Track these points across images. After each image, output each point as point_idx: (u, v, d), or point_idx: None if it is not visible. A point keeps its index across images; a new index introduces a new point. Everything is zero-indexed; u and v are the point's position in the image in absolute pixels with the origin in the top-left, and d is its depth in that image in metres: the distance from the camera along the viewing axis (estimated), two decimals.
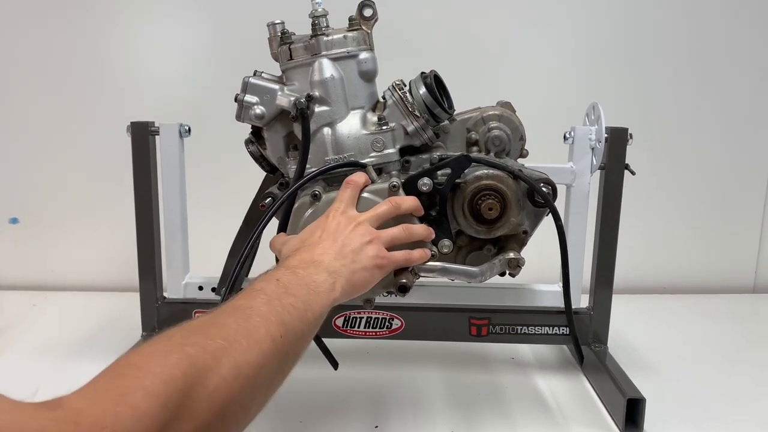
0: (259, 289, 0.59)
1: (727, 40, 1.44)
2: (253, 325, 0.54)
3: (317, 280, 0.64)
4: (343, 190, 0.75)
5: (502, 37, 1.43)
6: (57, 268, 1.50)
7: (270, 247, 0.78)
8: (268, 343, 0.53)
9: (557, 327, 1.04)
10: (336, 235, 0.70)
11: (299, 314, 0.59)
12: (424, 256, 0.76)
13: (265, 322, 0.55)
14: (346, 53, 0.80)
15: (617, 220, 1.02)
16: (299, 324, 0.58)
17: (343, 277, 0.67)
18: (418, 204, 0.77)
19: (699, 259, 1.54)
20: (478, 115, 0.88)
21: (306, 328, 0.60)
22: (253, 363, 0.51)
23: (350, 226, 0.71)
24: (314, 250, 0.68)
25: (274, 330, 0.55)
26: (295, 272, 0.63)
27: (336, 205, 0.74)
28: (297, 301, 0.59)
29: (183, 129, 1.03)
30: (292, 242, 0.73)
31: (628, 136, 0.99)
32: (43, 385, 0.97)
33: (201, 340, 0.49)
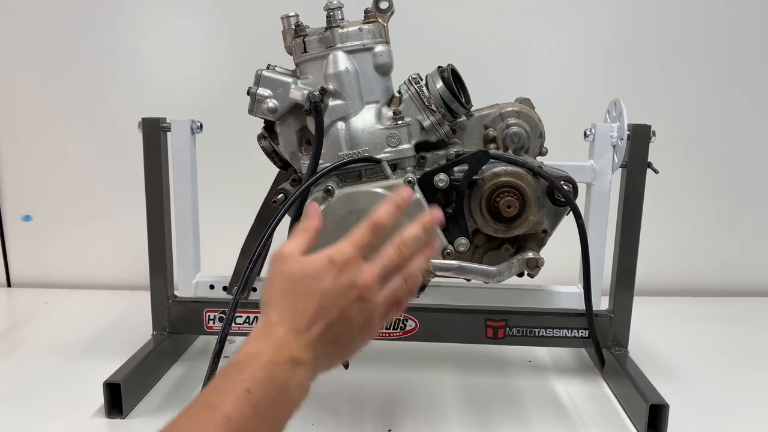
0: (223, 410, 0.51)
1: (755, 35, 1.41)
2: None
3: (293, 384, 0.56)
4: (365, 232, 0.61)
5: (521, 31, 1.40)
6: (69, 266, 1.50)
7: (263, 293, 0.64)
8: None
9: (576, 329, 1.02)
10: (330, 312, 0.58)
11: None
12: (409, 299, 0.65)
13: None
14: (361, 46, 0.79)
15: (639, 220, 0.99)
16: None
17: (323, 367, 0.60)
18: (427, 228, 0.64)
19: (722, 261, 1.51)
20: (496, 112, 0.86)
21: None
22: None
23: (351, 295, 0.58)
24: (299, 335, 0.57)
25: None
26: (270, 375, 0.55)
27: (344, 251, 0.59)
28: (262, 426, 0.53)
29: (195, 125, 1.02)
30: (279, 304, 0.60)
31: (651, 134, 0.97)
32: (54, 383, 0.98)
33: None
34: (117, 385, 0.87)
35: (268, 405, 0.53)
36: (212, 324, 1.04)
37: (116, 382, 0.87)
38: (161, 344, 1.02)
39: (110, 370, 0.91)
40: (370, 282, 0.59)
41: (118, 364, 0.94)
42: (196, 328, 1.06)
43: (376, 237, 0.61)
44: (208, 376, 0.68)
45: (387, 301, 0.61)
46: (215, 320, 1.04)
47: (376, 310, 0.60)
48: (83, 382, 0.98)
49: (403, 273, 0.62)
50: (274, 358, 0.56)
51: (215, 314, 1.04)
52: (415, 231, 0.63)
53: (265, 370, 0.55)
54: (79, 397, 0.92)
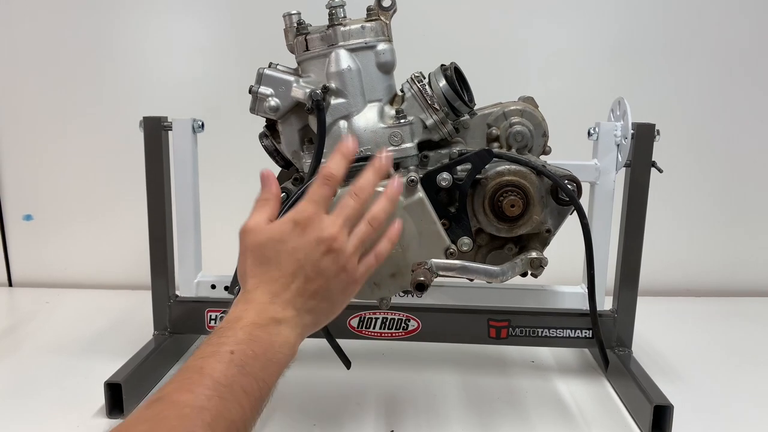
0: (209, 372, 0.51)
1: (758, 34, 1.40)
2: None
3: (278, 341, 0.58)
4: (320, 186, 0.63)
5: (524, 29, 1.39)
6: (70, 266, 1.50)
7: (238, 271, 0.66)
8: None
9: (579, 330, 1.01)
10: (304, 268, 0.60)
11: (251, 402, 0.53)
12: (389, 247, 0.67)
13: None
14: (363, 44, 0.78)
15: (643, 220, 0.99)
16: (250, 413, 0.53)
17: (307, 324, 0.61)
18: (378, 172, 0.66)
19: (726, 261, 1.50)
20: (499, 110, 0.85)
21: (259, 408, 0.54)
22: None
23: (320, 249, 0.61)
24: (277, 296, 0.60)
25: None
26: (252, 336, 0.56)
27: (304, 209, 0.62)
28: (251, 382, 0.53)
29: (196, 124, 1.02)
30: (253, 272, 0.62)
31: (655, 133, 0.96)
32: (55, 382, 0.97)
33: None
34: (118, 385, 0.87)
35: (254, 363, 0.54)
36: (214, 324, 1.04)
37: (117, 382, 0.87)
38: (162, 344, 1.02)
39: (111, 370, 0.91)
40: (335, 232, 0.61)
41: (119, 363, 0.94)
42: (197, 328, 1.05)
43: (331, 189, 0.63)
44: None
45: (358, 248, 0.63)
46: (217, 320, 1.04)
47: (349, 258, 0.62)
48: (84, 382, 0.97)
49: (366, 216, 0.64)
50: (256, 320, 0.57)
51: (217, 314, 1.03)
52: (367, 176, 0.65)
53: (246, 331, 0.56)
54: (80, 397, 0.92)
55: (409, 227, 0.75)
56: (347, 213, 0.63)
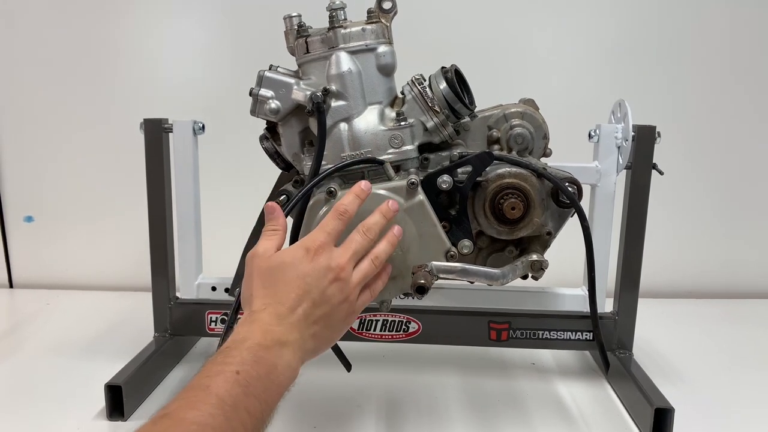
0: (215, 391, 0.52)
1: (759, 36, 1.40)
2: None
3: (281, 364, 0.59)
4: (333, 219, 0.67)
5: (525, 31, 1.40)
6: (70, 267, 1.50)
7: (242, 294, 0.68)
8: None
9: (580, 332, 1.01)
10: (311, 293, 0.63)
11: (253, 422, 0.53)
12: (386, 281, 0.72)
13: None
14: (364, 46, 0.78)
15: (644, 222, 0.98)
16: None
17: (309, 349, 0.63)
18: (386, 216, 0.70)
19: (728, 263, 1.50)
20: (499, 113, 0.85)
21: (260, 429, 0.55)
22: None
23: (328, 277, 0.64)
24: (283, 318, 0.61)
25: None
26: (257, 357, 0.57)
27: (317, 238, 0.65)
28: (254, 403, 0.54)
29: (197, 126, 1.02)
30: (261, 294, 0.64)
31: (655, 135, 0.96)
32: (55, 384, 0.97)
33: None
34: (118, 388, 0.87)
35: (258, 384, 0.56)
36: (214, 326, 1.04)
37: (118, 385, 0.87)
38: (163, 346, 1.02)
39: (112, 371, 0.91)
40: (343, 263, 0.65)
41: (120, 365, 0.93)
42: (198, 330, 1.05)
43: (343, 223, 0.67)
44: None
45: (361, 282, 0.67)
46: (217, 322, 1.04)
47: (353, 290, 0.66)
48: (84, 384, 0.97)
49: (370, 255, 0.68)
50: (261, 341, 0.59)
51: (217, 316, 1.03)
52: (376, 218, 0.70)
53: (252, 352, 0.57)
54: (81, 399, 0.92)
55: (410, 230, 0.75)
56: (355, 248, 0.67)
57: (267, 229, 0.69)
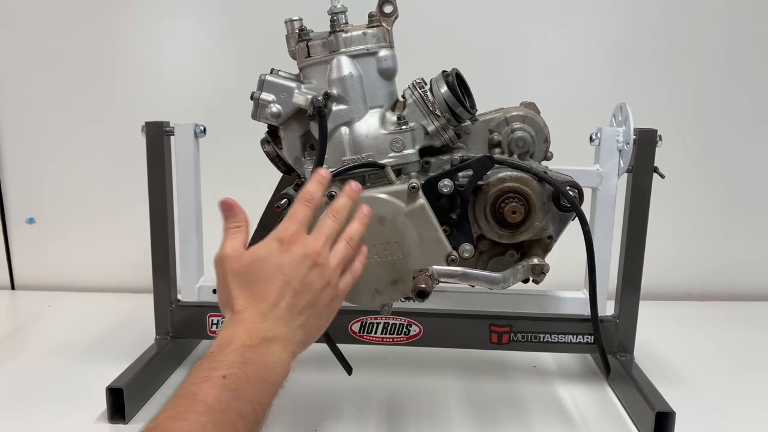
0: (202, 398, 0.51)
1: (759, 37, 1.40)
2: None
3: (271, 361, 0.57)
4: (300, 206, 0.66)
5: (526, 35, 1.40)
6: (72, 269, 1.50)
7: (219, 300, 0.65)
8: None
9: (581, 335, 1.01)
10: (291, 283, 0.61)
11: (247, 426, 0.52)
12: (364, 261, 0.70)
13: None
14: (365, 50, 0.78)
15: (645, 225, 0.98)
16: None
17: (299, 341, 0.61)
18: (351, 197, 0.70)
19: (729, 265, 1.50)
20: (501, 116, 0.85)
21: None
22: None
23: (306, 264, 0.62)
24: (267, 314, 0.60)
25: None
26: (244, 358, 0.55)
27: (287, 228, 0.64)
28: (245, 406, 0.53)
29: (198, 129, 1.02)
30: (240, 295, 0.61)
31: (657, 138, 0.96)
32: (57, 387, 0.97)
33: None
34: (120, 390, 0.87)
35: (248, 386, 0.54)
36: (215, 328, 1.04)
37: (119, 387, 0.87)
38: (164, 349, 1.02)
39: (113, 374, 0.91)
40: (318, 248, 0.63)
41: (121, 367, 0.94)
42: (199, 333, 1.05)
43: (311, 210, 0.66)
44: None
45: (339, 264, 0.65)
46: (218, 325, 1.04)
47: (333, 273, 0.64)
48: (86, 386, 0.97)
49: (344, 236, 0.67)
50: (247, 341, 0.57)
51: (218, 319, 1.03)
52: (342, 200, 0.69)
53: (238, 354, 0.56)
54: (82, 402, 0.92)
55: (411, 234, 0.75)
56: (327, 232, 0.66)
57: (229, 226, 0.67)
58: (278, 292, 0.61)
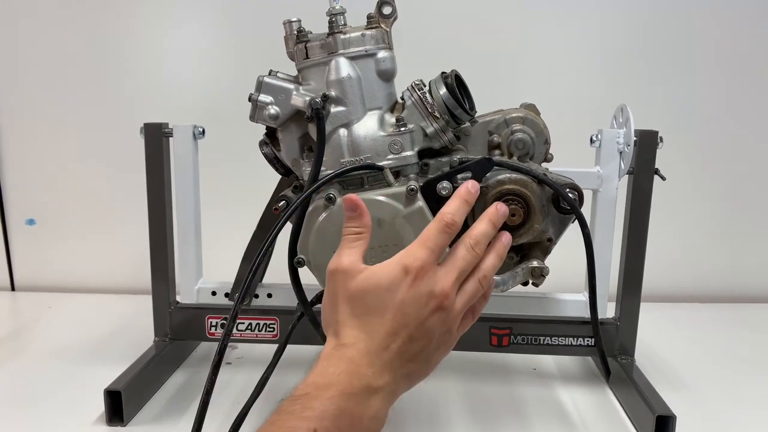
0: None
1: (760, 40, 1.39)
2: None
3: (368, 415, 0.50)
4: (438, 233, 0.55)
5: (526, 37, 1.39)
6: (72, 270, 1.50)
7: (324, 316, 0.59)
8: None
9: (582, 338, 1.00)
10: (409, 326, 0.53)
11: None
12: (488, 298, 0.62)
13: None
14: (363, 52, 0.77)
15: (646, 227, 0.98)
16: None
17: (401, 391, 0.55)
18: (496, 224, 0.61)
19: (731, 267, 1.49)
20: (500, 118, 0.85)
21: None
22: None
23: (430, 306, 0.53)
24: (375, 357, 0.52)
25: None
26: (340, 410, 0.48)
27: (419, 256, 0.54)
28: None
29: (197, 131, 1.01)
30: (350, 323, 0.54)
31: (658, 140, 0.95)
32: (55, 388, 0.97)
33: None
34: (118, 393, 0.87)
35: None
36: (214, 330, 1.04)
37: (117, 390, 0.87)
38: (163, 351, 1.02)
39: (112, 375, 0.91)
40: (448, 289, 0.54)
41: (120, 369, 0.93)
42: (198, 335, 1.05)
43: (450, 237, 0.56)
44: (207, 388, 0.68)
45: (464, 308, 0.56)
46: (217, 327, 1.04)
47: (456, 318, 0.55)
48: (85, 388, 0.97)
49: (477, 275, 0.57)
50: (347, 387, 0.50)
51: (217, 321, 1.03)
52: (484, 227, 0.59)
53: (335, 404, 0.49)
54: (81, 404, 0.92)
55: (409, 236, 0.74)
56: (461, 267, 0.56)
57: (349, 232, 0.58)
58: (392, 332, 0.53)
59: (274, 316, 1.02)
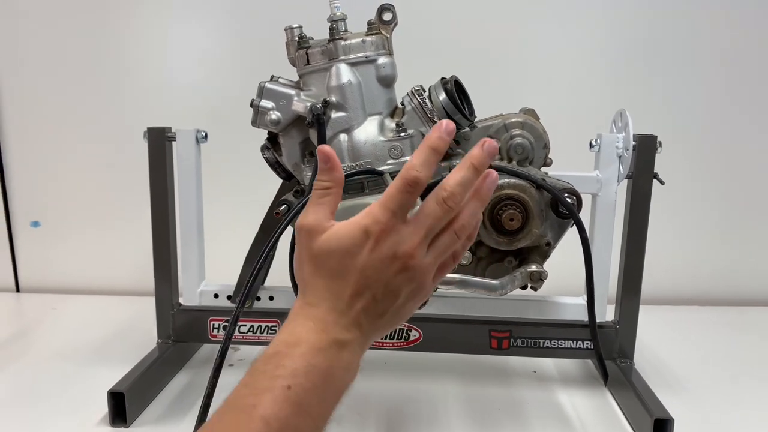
0: (260, 413, 0.46)
1: (759, 44, 1.39)
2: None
3: (339, 367, 0.51)
4: (400, 192, 0.51)
5: (525, 42, 1.40)
6: (76, 272, 1.51)
7: (295, 272, 0.58)
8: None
9: (581, 341, 1.01)
10: (371, 288, 0.52)
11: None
12: (467, 247, 0.58)
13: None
14: (364, 58, 0.79)
15: (645, 230, 0.98)
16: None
17: (371, 341, 0.54)
18: (478, 170, 0.53)
19: (731, 270, 1.49)
20: (500, 123, 0.86)
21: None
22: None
23: (393, 267, 0.52)
24: (341, 315, 0.52)
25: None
26: (311, 365, 0.49)
27: (379, 218, 0.51)
28: (307, 422, 0.48)
29: (200, 135, 1.02)
30: (315, 283, 0.53)
31: (657, 144, 0.96)
32: (59, 390, 0.98)
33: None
34: (121, 394, 0.88)
35: (312, 397, 0.48)
36: (216, 332, 1.05)
37: (120, 392, 0.88)
38: (166, 352, 1.03)
39: (115, 377, 0.92)
40: (413, 249, 0.51)
41: (124, 370, 0.94)
42: (200, 337, 1.06)
43: (414, 197, 0.52)
44: (209, 390, 0.68)
45: (437, 261, 0.54)
46: (219, 329, 1.04)
47: (426, 273, 0.53)
48: (88, 389, 0.98)
49: (453, 226, 0.53)
50: (315, 343, 0.50)
51: (219, 323, 1.04)
52: (462, 174, 0.53)
53: (306, 360, 0.49)
54: (84, 405, 0.93)
55: None
56: (430, 224, 0.52)
57: (317, 186, 0.55)
58: (355, 294, 0.52)
59: (276, 318, 1.03)
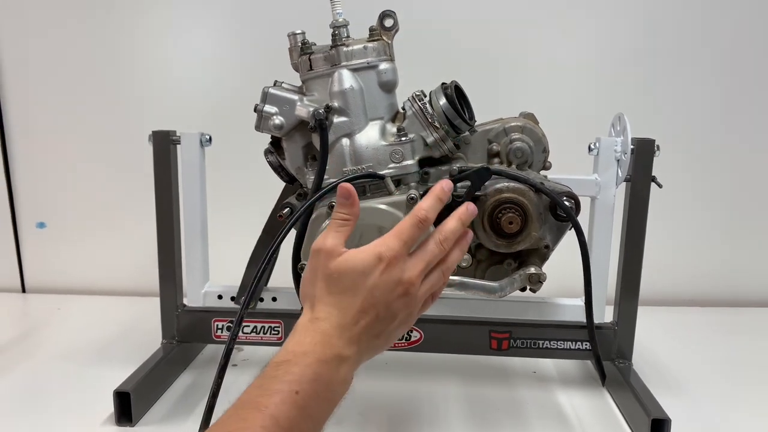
0: (271, 412, 0.52)
1: (758, 48, 1.40)
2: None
3: (337, 380, 0.58)
4: (412, 227, 0.63)
5: (524, 46, 1.41)
6: (81, 273, 1.52)
7: (302, 288, 0.66)
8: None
9: (580, 342, 1.02)
10: (377, 307, 0.60)
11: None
12: (443, 287, 0.69)
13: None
14: (366, 64, 0.80)
15: (643, 234, 1.00)
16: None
17: (364, 360, 0.62)
18: (465, 222, 0.67)
19: (729, 272, 1.50)
20: (499, 126, 0.87)
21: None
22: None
23: (397, 291, 0.61)
24: (345, 330, 0.59)
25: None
26: (316, 374, 0.56)
27: (392, 247, 0.61)
28: (309, 425, 0.54)
29: (204, 138, 1.04)
30: (326, 299, 0.61)
31: (655, 148, 0.97)
32: (65, 389, 1.00)
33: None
34: (127, 394, 0.89)
35: (314, 403, 0.55)
36: (220, 333, 1.06)
37: (126, 391, 0.89)
38: (170, 353, 1.04)
39: (120, 377, 0.93)
40: (415, 278, 0.62)
41: (129, 370, 0.95)
42: (204, 337, 1.07)
43: (422, 232, 0.63)
44: (213, 391, 0.70)
45: (426, 294, 0.64)
46: (223, 329, 1.06)
47: (418, 303, 0.63)
48: (94, 389, 0.99)
49: (442, 267, 0.65)
50: (321, 356, 0.57)
51: (223, 323, 1.06)
52: (453, 224, 0.66)
53: (312, 369, 0.56)
54: (90, 404, 0.94)
55: None
56: (428, 260, 0.63)
57: (336, 217, 0.64)
58: (362, 311, 0.60)
59: (279, 319, 1.04)
